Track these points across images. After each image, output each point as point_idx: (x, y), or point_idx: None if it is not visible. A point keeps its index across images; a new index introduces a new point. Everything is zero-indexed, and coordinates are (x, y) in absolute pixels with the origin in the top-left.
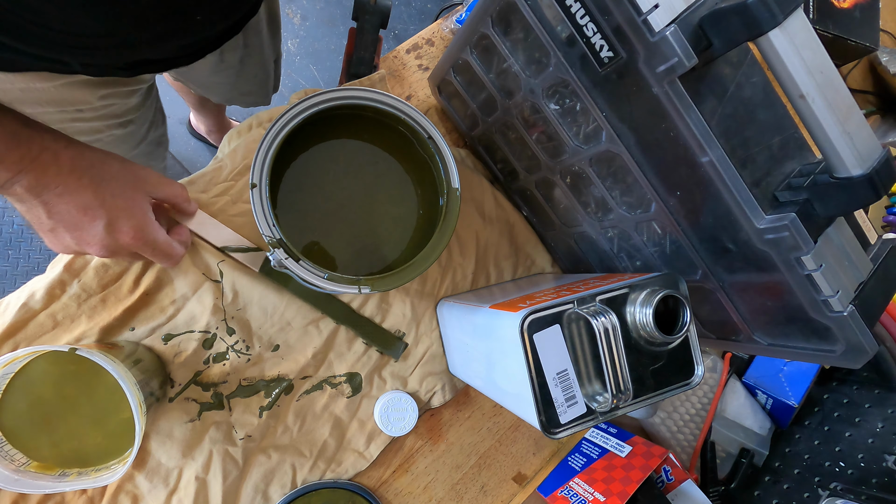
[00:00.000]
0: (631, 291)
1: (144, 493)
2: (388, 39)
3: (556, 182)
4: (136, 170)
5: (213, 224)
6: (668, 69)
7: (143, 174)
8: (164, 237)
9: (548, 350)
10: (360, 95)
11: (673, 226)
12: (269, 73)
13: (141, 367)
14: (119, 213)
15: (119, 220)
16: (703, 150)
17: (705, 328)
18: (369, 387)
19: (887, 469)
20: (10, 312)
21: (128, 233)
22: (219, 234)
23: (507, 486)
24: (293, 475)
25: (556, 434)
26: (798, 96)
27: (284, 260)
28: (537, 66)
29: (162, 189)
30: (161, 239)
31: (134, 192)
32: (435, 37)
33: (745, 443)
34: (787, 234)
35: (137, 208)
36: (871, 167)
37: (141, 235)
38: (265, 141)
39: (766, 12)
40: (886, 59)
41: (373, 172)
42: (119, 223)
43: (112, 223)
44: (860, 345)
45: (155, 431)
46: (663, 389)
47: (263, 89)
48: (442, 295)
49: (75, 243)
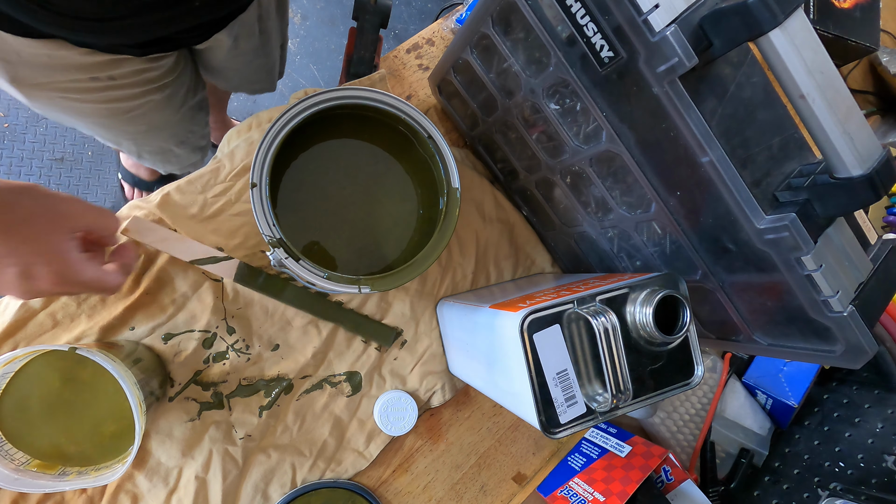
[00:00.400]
0: (631, 291)
1: (144, 493)
2: (388, 39)
3: (556, 182)
4: (54, 204)
5: (176, 238)
6: (668, 69)
7: (62, 208)
8: (91, 274)
9: (548, 350)
10: (361, 95)
11: (673, 226)
12: (276, 59)
13: (141, 366)
14: (33, 258)
15: (34, 267)
16: (704, 150)
17: (705, 328)
18: (369, 386)
19: (887, 469)
20: (9, 312)
21: (45, 279)
22: (186, 248)
23: (507, 485)
24: (293, 475)
25: (556, 434)
26: (798, 96)
27: (284, 259)
28: (537, 65)
29: (87, 221)
30: (88, 277)
31: (50, 233)
32: (435, 36)
33: (745, 443)
34: (787, 235)
35: (55, 251)
36: (871, 167)
37: (61, 279)
38: (265, 141)
39: (767, 12)
40: (887, 60)
41: (373, 172)
42: (34, 270)
43: (26, 271)
44: (860, 345)
45: (155, 431)
46: (663, 389)
47: (270, 76)
48: (442, 294)
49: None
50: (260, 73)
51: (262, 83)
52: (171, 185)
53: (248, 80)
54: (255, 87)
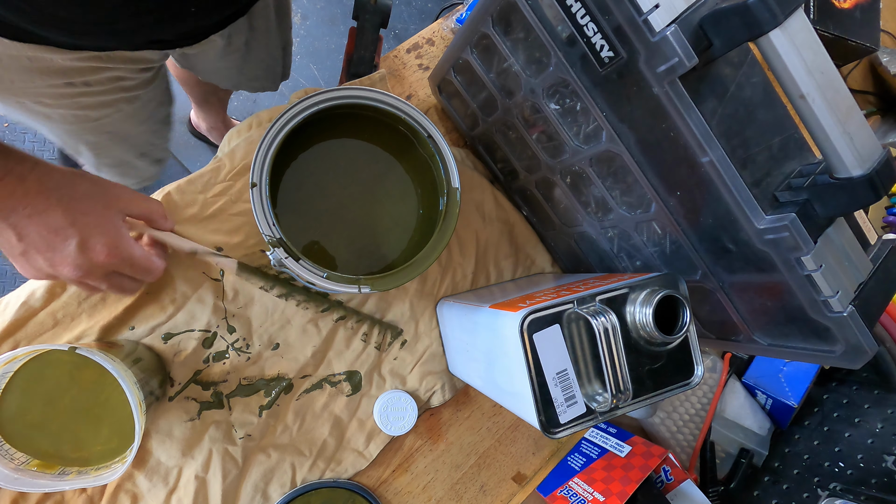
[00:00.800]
0: (631, 291)
1: (144, 492)
2: (388, 39)
3: (556, 182)
4: (107, 187)
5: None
6: (668, 69)
7: (115, 191)
8: (140, 252)
9: (548, 350)
10: (361, 95)
11: (673, 226)
12: (277, 59)
13: (141, 365)
14: (91, 231)
15: (91, 239)
16: (704, 150)
17: (705, 328)
18: (369, 385)
19: (887, 469)
20: (10, 311)
21: (101, 251)
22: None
23: (507, 485)
24: (293, 474)
25: (556, 434)
26: (798, 96)
27: (284, 259)
28: (537, 65)
29: (137, 205)
30: (138, 254)
31: (105, 210)
32: (435, 36)
33: (745, 443)
34: (787, 235)
35: (110, 225)
36: (871, 168)
37: (116, 252)
38: (265, 140)
39: (767, 12)
40: (887, 60)
41: (373, 172)
42: (91, 241)
43: (84, 242)
44: (860, 345)
45: (155, 430)
46: (663, 389)
47: (271, 75)
48: (442, 294)
49: (48, 265)
50: (257, 71)
51: (262, 80)
52: (172, 184)
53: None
54: (255, 85)
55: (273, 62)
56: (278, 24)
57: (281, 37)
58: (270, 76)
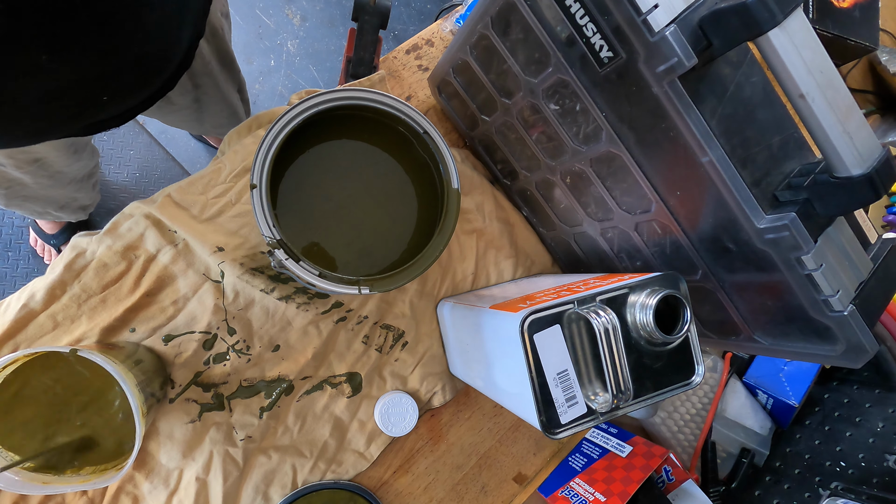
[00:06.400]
0: (631, 291)
1: (145, 494)
2: (387, 40)
3: (556, 182)
4: None
5: None
6: (667, 69)
7: None
8: None
9: (548, 350)
10: (360, 96)
11: (673, 226)
12: (235, 103)
13: (141, 367)
14: None
15: None
16: (703, 150)
17: (705, 328)
18: (369, 387)
19: (888, 469)
20: (10, 313)
21: None
22: None
23: (508, 486)
24: (294, 476)
25: (557, 434)
26: (798, 96)
27: (285, 260)
28: (537, 66)
29: None
30: None
31: None
32: (434, 37)
33: (746, 443)
34: (787, 234)
35: None
36: (871, 167)
37: None
38: (265, 142)
39: (766, 12)
40: (886, 59)
41: (373, 172)
42: None
43: None
44: (860, 344)
45: (155, 432)
46: (664, 389)
47: (234, 119)
48: (442, 295)
49: None
50: (220, 119)
51: (227, 127)
52: (173, 186)
53: (211, 126)
54: (221, 132)
55: (233, 108)
56: (225, 74)
57: (233, 83)
58: (233, 120)
